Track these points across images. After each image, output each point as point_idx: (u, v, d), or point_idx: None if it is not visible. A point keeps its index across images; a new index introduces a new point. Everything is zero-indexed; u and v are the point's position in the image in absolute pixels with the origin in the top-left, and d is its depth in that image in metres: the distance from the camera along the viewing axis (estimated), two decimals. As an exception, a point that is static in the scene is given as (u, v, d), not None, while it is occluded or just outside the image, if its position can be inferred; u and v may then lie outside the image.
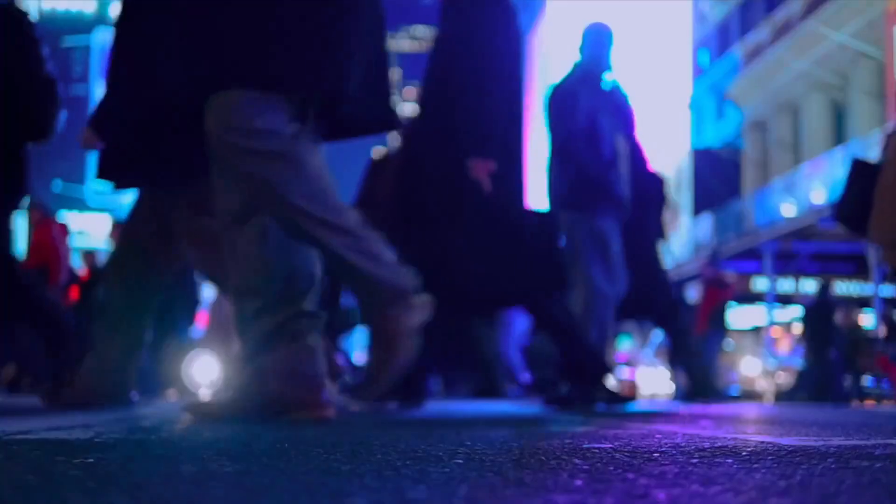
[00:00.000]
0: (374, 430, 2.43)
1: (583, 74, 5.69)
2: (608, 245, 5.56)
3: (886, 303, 15.02)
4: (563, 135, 5.56)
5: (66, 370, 4.12)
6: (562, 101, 5.62)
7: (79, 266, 11.61)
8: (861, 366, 12.10)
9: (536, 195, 5.43)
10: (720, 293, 12.89)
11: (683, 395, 7.28)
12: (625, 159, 5.69)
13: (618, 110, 5.74)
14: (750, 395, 13.84)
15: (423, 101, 4.85)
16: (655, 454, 1.68)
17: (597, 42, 5.76)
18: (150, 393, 6.83)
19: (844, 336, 12.75)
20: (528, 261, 4.77)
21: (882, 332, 13.45)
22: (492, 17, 4.71)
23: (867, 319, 14.13)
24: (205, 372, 8.96)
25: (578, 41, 5.74)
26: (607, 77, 5.74)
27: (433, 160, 4.71)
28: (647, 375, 16.86)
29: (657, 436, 2.25)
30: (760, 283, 19.75)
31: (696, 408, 5.46)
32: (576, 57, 5.79)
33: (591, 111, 5.55)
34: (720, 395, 6.83)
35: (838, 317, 12.99)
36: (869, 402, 11.37)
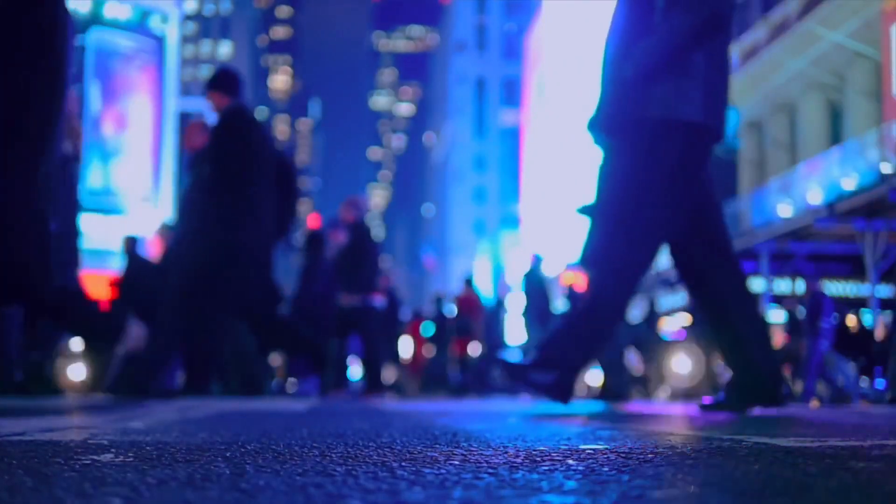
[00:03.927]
0: (370, 432, 2.43)
1: None
2: None
3: (884, 303, 15.06)
4: None
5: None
6: None
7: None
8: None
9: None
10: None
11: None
12: None
13: None
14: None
15: None
16: (651, 455, 1.68)
17: None
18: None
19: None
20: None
21: (879, 333, 13.48)
22: None
23: (854, 321, 14.09)
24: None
25: None
26: None
27: None
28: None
29: (653, 437, 2.25)
30: (757, 284, 19.76)
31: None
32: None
33: None
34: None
35: None
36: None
